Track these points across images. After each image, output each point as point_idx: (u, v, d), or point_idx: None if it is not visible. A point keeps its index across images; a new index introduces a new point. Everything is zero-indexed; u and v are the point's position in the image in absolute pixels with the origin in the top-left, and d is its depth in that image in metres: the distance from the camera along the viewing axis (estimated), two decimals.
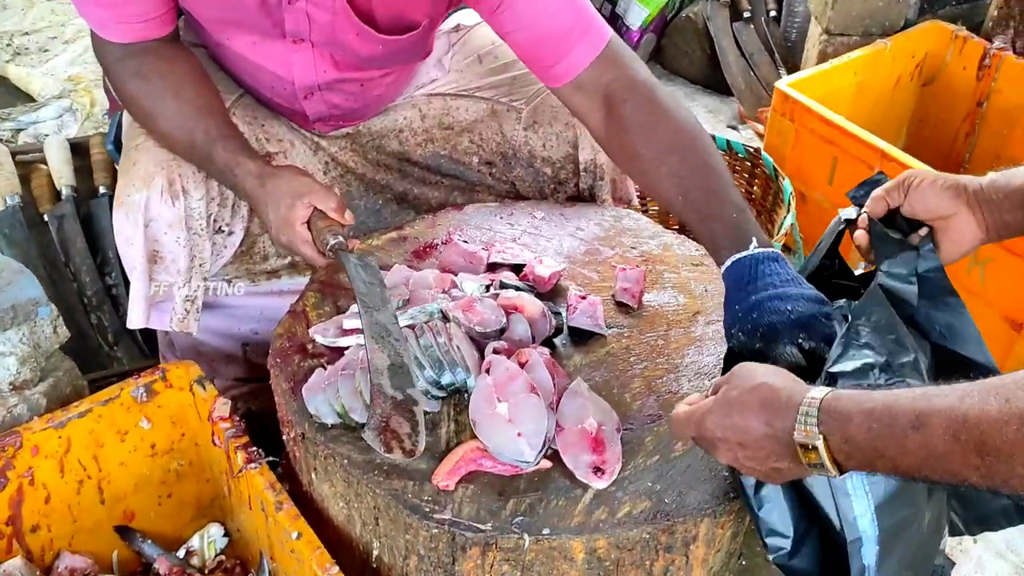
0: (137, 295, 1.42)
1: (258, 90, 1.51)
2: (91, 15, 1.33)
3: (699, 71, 3.02)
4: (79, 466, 1.34)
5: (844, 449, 0.82)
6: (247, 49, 1.39)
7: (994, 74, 2.27)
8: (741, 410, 0.89)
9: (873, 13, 2.38)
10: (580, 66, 1.29)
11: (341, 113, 1.55)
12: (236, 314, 1.62)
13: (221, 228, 1.46)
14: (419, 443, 1.05)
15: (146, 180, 1.36)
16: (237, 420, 1.30)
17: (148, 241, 1.38)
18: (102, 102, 2.84)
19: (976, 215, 1.09)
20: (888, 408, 0.79)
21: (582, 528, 1.02)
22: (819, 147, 2.09)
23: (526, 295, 1.26)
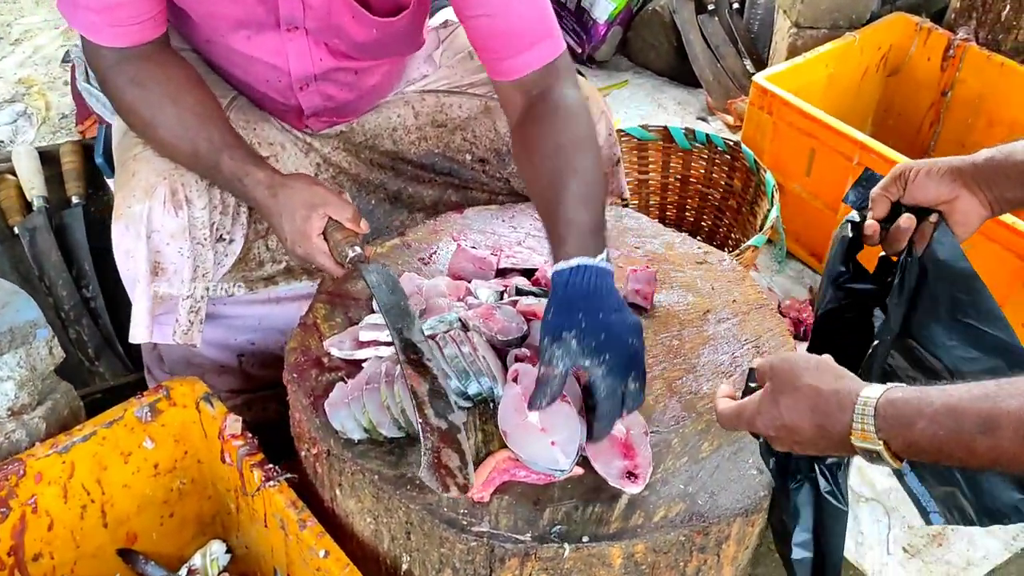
0: (140, 309, 1.38)
1: (252, 86, 1.47)
2: (82, 21, 1.28)
3: (666, 64, 3.04)
4: (82, 491, 1.30)
5: (907, 451, 0.83)
6: (241, 43, 1.36)
7: (958, 64, 2.33)
8: (790, 414, 0.89)
9: (841, 7, 2.43)
10: (529, 68, 1.28)
11: (335, 106, 1.52)
12: (234, 324, 1.58)
13: (223, 236, 1.42)
14: (470, 476, 1.04)
15: (148, 191, 1.32)
16: (250, 437, 1.28)
17: (150, 253, 1.34)
18: (57, 105, 2.74)
19: (977, 195, 1.10)
20: (951, 411, 0.79)
21: (621, 534, 1.03)
22: (797, 139, 2.13)
23: (545, 301, 1.26)
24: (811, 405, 0.88)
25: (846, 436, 0.85)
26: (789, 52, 2.47)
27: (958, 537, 1.67)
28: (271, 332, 1.57)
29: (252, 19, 1.32)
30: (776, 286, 2.21)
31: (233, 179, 1.29)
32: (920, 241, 1.12)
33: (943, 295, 1.13)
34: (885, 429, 0.83)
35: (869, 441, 0.84)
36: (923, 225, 1.12)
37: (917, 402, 0.82)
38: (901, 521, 1.65)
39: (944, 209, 1.12)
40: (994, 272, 1.80)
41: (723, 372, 1.25)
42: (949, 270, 1.12)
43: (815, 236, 2.21)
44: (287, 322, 1.54)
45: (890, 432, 0.83)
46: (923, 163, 1.13)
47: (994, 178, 1.09)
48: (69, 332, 1.87)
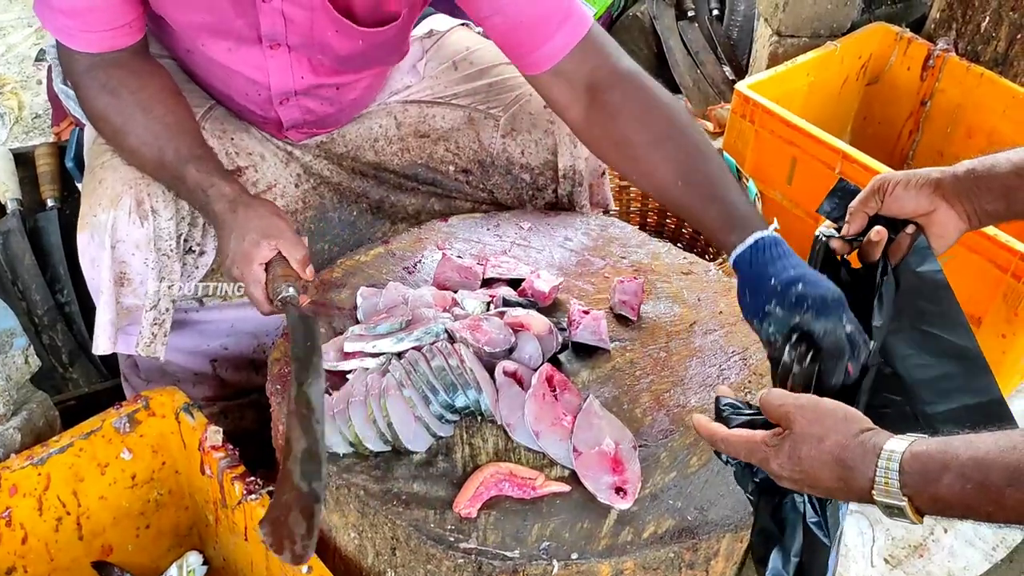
0: (103, 320, 1.35)
1: (231, 97, 1.45)
2: (54, 24, 1.25)
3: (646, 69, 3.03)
4: (58, 503, 1.28)
5: (932, 506, 0.81)
6: (221, 55, 1.33)
7: (938, 74, 2.35)
8: (811, 464, 0.87)
9: (822, 15, 2.44)
10: (560, 53, 1.25)
11: (315, 119, 1.50)
12: (206, 330, 1.56)
13: (192, 248, 1.40)
14: (309, 549, 0.95)
15: (113, 200, 1.30)
16: (231, 449, 1.25)
17: (115, 263, 1.32)
18: (30, 105, 2.69)
19: (956, 207, 1.09)
20: (978, 465, 0.77)
21: (610, 551, 1.02)
22: (779, 148, 2.13)
23: (533, 312, 1.25)
24: (835, 458, 0.85)
25: (868, 490, 0.83)
26: (770, 60, 2.47)
27: (939, 548, 1.69)
28: (243, 336, 1.54)
29: (233, 33, 1.29)
30: None
31: (196, 189, 1.25)
32: (896, 253, 1.12)
33: (908, 306, 1.12)
34: (910, 485, 0.80)
35: (893, 497, 0.82)
36: (899, 237, 1.11)
37: (942, 456, 0.80)
38: (884, 533, 1.66)
39: (922, 221, 1.11)
40: (974, 283, 1.82)
41: (710, 384, 1.24)
42: (920, 281, 1.12)
43: (796, 244, 2.18)
44: (260, 325, 1.52)
45: (915, 488, 0.80)
46: (900, 175, 1.11)
47: (974, 191, 1.08)
48: (43, 338, 1.83)
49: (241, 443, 1.40)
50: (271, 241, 1.19)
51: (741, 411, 1.00)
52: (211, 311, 1.53)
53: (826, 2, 2.41)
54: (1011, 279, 1.78)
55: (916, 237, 1.11)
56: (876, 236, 1.10)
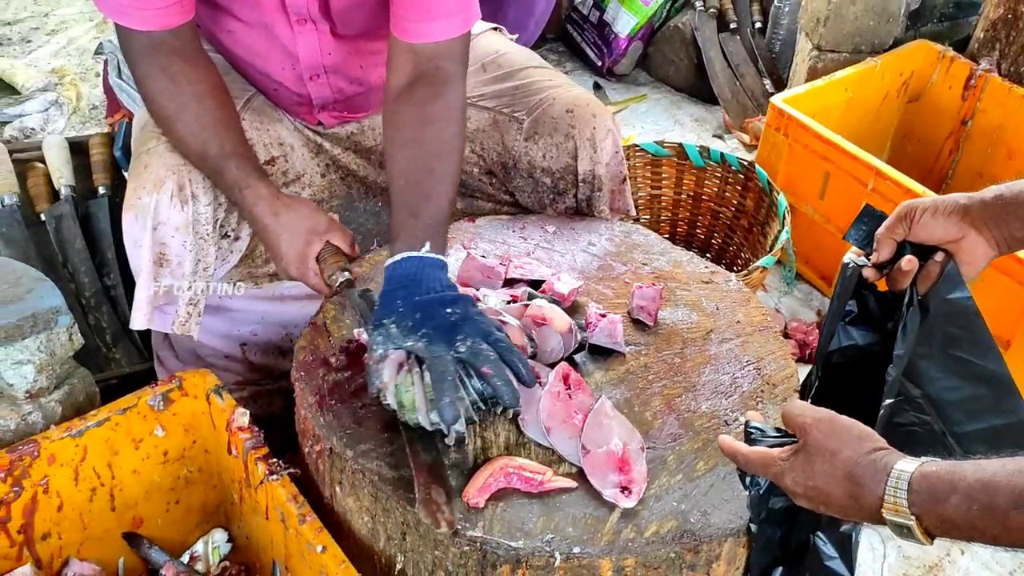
0: (141, 297, 1.42)
1: (269, 76, 1.52)
2: (109, 5, 1.32)
3: (685, 80, 3.06)
4: (93, 474, 1.34)
5: (940, 527, 0.82)
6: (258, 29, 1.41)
7: (979, 94, 2.34)
8: (824, 479, 0.89)
9: (863, 31, 2.44)
10: (434, 37, 1.33)
11: (344, 99, 1.56)
12: (236, 317, 1.62)
13: (227, 233, 1.46)
14: (456, 511, 1.07)
15: (157, 184, 1.36)
16: (256, 431, 1.31)
17: (155, 244, 1.38)
18: (88, 96, 2.80)
19: (984, 234, 1.08)
20: (985, 486, 0.79)
21: (611, 547, 1.05)
22: (812, 162, 2.15)
23: (556, 308, 1.28)
24: (847, 474, 0.87)
25: (877, 508, 0.85)
26: (809, 74, 2.48)
27: (955, 569, 1.68)
28: (272, 326, 1.60)
29: (268, 5, 1.37)
30: (784, 307, 2.22)
31: (234, 186, 1.33)
32: (925, 281, 1.12)
33: (939, 331, 1.13)
34: (918, 504, 0.82)
35: (901, 515, 0.83)
36: (928, 265, 1.11)
37: (950, 476, 0.81)
38: (897, 550, 1.66)
39: (951, 248, 1.10)
40: (1003, 305, 1.82)
41: (723, 392, 1.27)
42: (950, 307, 1.12)
43: (826, 259, 2.22)
44: (289, 318, 1.58)
45: (923, 507, 0.82)
46: (928, 202, 1.11)
47: (1002, 217, 1.07)
48: (89, 318, 1.91)
49: (269, 428, 1.45)
50: (320, 237, 1.31)
51: (767, 435, 1.02)
52: (242, 299, 1.58)
53: (868, 18, 2.41)
54: None
55: (946, 264, 1.11)
56: (907, 266, 1.10)
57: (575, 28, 3.19)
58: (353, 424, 1.18)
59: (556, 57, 3.22)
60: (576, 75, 3.13)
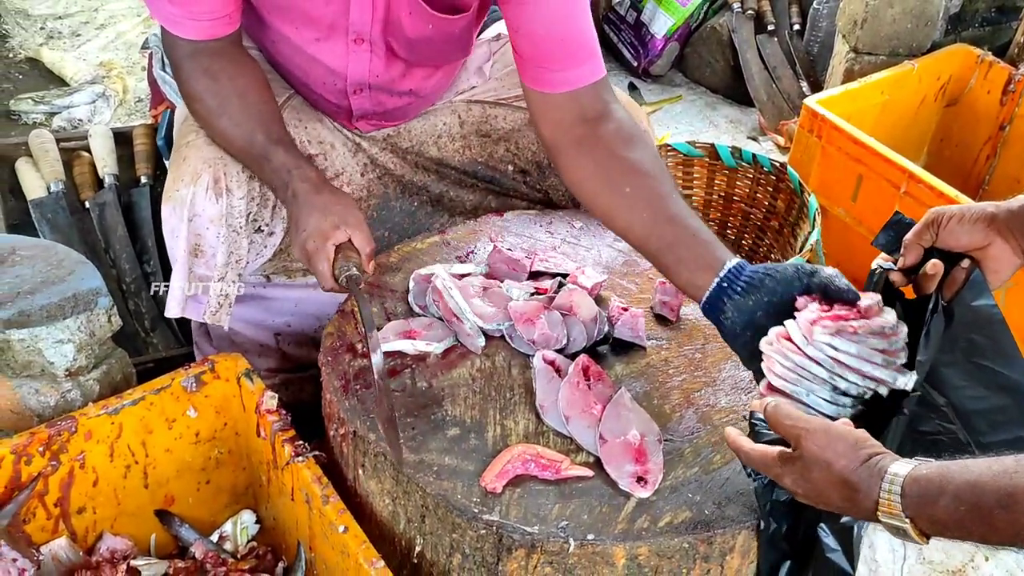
0: (176, 286, 1.46)
1: (309, 86, 1.55)
2: (163, 13, 1.37)
3: (721, 81, 3.06)
4: (128, 451, 1.39)
5: (932, 527, 0.85)
6: (308, 44, 1.44)
7: (1018, 99, 2.31)
8: (821, 484, 0.92)
9: (901, 34, 2.42)
10: (583, 81, 1.32)
11: (384, 111, 1.59)
12: (271, 307, 1.66)
13: (261, 228, 1.50)
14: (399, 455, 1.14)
15: (194, 177, 1.40)
16: (284, 414, 1.35)
17: (191, 235, 1.42)
18: (134, 89, 2.88)
19: (1011, 242, 1.09)
20: (972, 487, 0.81)
21: (625, 535, 1.07)
22: (845, 164, 2.13)
23: (585, 295, 1.30)
24: (842, 479, 0.91)
25: (873, 511, 0.88)
26: (845, 77, 2.47)
27: (978, 575, 1.67)
28: (306, 316, 1.64)
29: (324, 22, 1.39)
30: None
31: (282, 169, 1.34)
32: (950, 287, 1.12)
33: (962, 339, 1.13)
34: (911, 507, 0.85)
35: (896, 518, 0.86)
36: (954, 271, 1.12)
37: (940, 479, 0.84)
38: (917, 553, 1.65)
39: (977, 255, 1.11)
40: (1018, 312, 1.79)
41: (742, 388, 1.28)
42: (975, 315, 1.12)
43: (857, 262, 2.20)
44: (322, 307, 1.61)
45: (916, 509, 0.85)
46: (955, 209, 1.12)
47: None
48: (128, 304, 1.97)
49: (298, 414, 1.49)
50: (348, 228, 1.30)
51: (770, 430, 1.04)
52: (277, 288, 1.63)
53: (906, 21, 2.39)
54: None
55: (971, 271, 1.11)
56: (932, 269, 1.11)
57: (612, 28, 3.20)
58: None
59: None
60: (612, 75, 3.09)
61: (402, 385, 1.25)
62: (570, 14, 1.33)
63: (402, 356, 1.29)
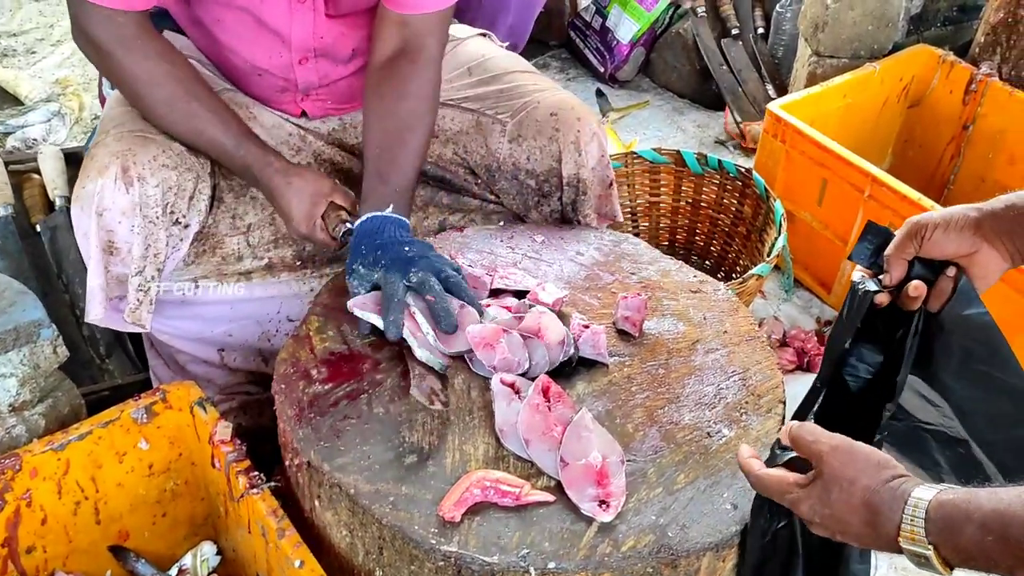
0: (94, 287, 1.40)
1: (254, 64, 1.53)
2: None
3: (687, 86, 3.05)
4: (77, 487, 1.34)
5: (956, 557, 0.81)
6: (254, 5, 1.44)
7: (980, 99, 2.31)
8: (840, 507, 0.88)
9: (862, 36, 2.42)
10: (424, 8, 1.46)
11: (330, 83, 1.57)
12: (206, 315, 1.58)
13: (178, 220, 1.44)
14: (449, 397, 1.23)
15: (100, 170, 1.35)
16: (239, 444, 1.31)
17: (102, 231, 1.36)
18: (91, 107, 2.82)
19: (997, 246, 1.05)
20: (1000, 517, 0.77)
21: (587, 562, 1.04)
22: (809, 169, 2.13)
23: (554, 318, 1.28)
24: (864, 502, 0.86)
25: (895, 537, 0.83)
26: (808, 80, 2.46)
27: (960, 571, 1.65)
28: (247, 323, 1.59)
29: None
30: (783, 315, 2.20)
31: (255, 164, 1.43)
32: (938, 298, 1.08)
33: (957, 347, 1.10)
34: (935, 533, 0.81)
35: (919, 544, 0.81)
36: (940, 281, 1.08)
37: (966, 505, 0.80)
38: (888, 561, 1.63)
39: (963, 263, 1.07)
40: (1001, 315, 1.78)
41: (706, 404, 1.25)
42: (968, 323, 1.09)
43: (824, 266, 2.20)
44: (263, 313, 1.57)
45: (940, 537, 0.80)
46: (936, 217, 1.07)
47: (1015, 228, 1.04)
48: (83, 330, 1.92)
49: (260, 439, 1.45)
50: (325, 198, 1.44)
51: (788, 450, 1.00)
52: (207, 292, 1.56)
53: (867, 23, 2.39)
54: None
55: (958, 279, 1.08)
56: (914, 292, 1.07)
57: (578, 34, 3.18)
58: (332, 437, 1.17)
59: (559, 64, 3.22)
60: (579, 82, 3.12)
61: (358, 411, 1.21)
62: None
63: (359, 381, 1.25)
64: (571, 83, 3.10)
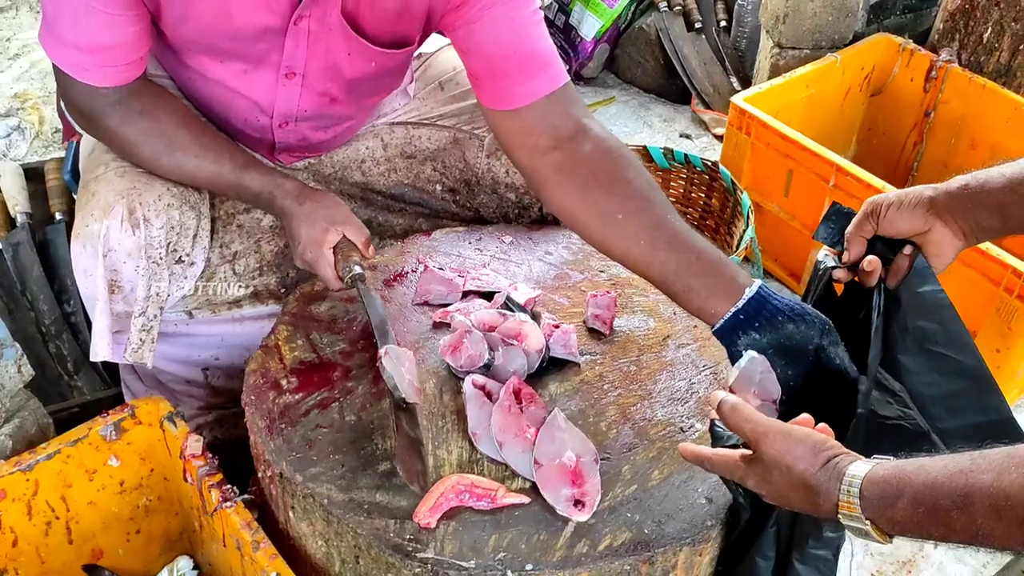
0: (100, 327, 1.39)
1: (228, 120, 1.48)
2: (67, 59, 1.27)
3: (652, 81, 3.06)
4: (47, 507, 1.32)
5: (892, 528, 0.84)
6: (232, 79, 1.37)
7: (940, 85, 2.34)
8: (782, 486, 0.91)
9: (823, 27, 2.44)
10: (537, 95, 1.25)
11: (308, 145, 1.54)
12: (195, 343, 1.59)
13: (181, 258, 1.44)
14: (429, 480, 1.12)
15: (106, 210, 1.34)
16: (210, 457, 1.29)
17: (107, 271, 1.36)
18: (51, 120, 2.77)
19: (951, 225, 1.08)
20: (929, 488, 0.80)
21: (564, 562, 1.04)
22: (775, 160, 2.14)
23: (533, 325, 1.27)
24: (802, 483, 0.89)
25: (834, 512, 0.86)
26: (771, 72, 2.48)
27: (928, 564, 1.67)
28: (235, 349, 1.58)
29: (252, 56, 1.33)
30: None
31: (263, 191, 1.35)
32: (895, 275, 1.12)
33: (913, 327, 1.13)
34: (870, 508, 0.84)
35: (856, 520, 0.85)
36: (897, 258, 1.11)
37: (897, 480, 0.83)
38: (864, 548, 1.65)
39: (918, 240, 1.11)
40: (968, 297, 1.81)
41: (679, 399, 1.26)
42: (923, 301, 1.12)
43: (793, 256, 2.22)
44: (251, 339, 1.55)
45: (875, 511, 0.83)
46: (892, 196, 1.11)
47: (968, 207, 1.07)
48: (49, 346, 1.89)
49: (236, 451, 1.43)
50: (338, 227, 1.33)
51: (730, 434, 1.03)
52: (200, 324, 1.56)
53: (827, 14, 2.41)
54: (1004, 293, 1.77)
55: (915, 257, 1.11)
56: (868, 267, 1.11)
57: None
58: (303, 447, 1.16)
59: None
60: None
61: (330, 420, 1.20)
62: (520, 24, 1.27)
63: (330, 390, 1.25)
64: None
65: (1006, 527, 0.75)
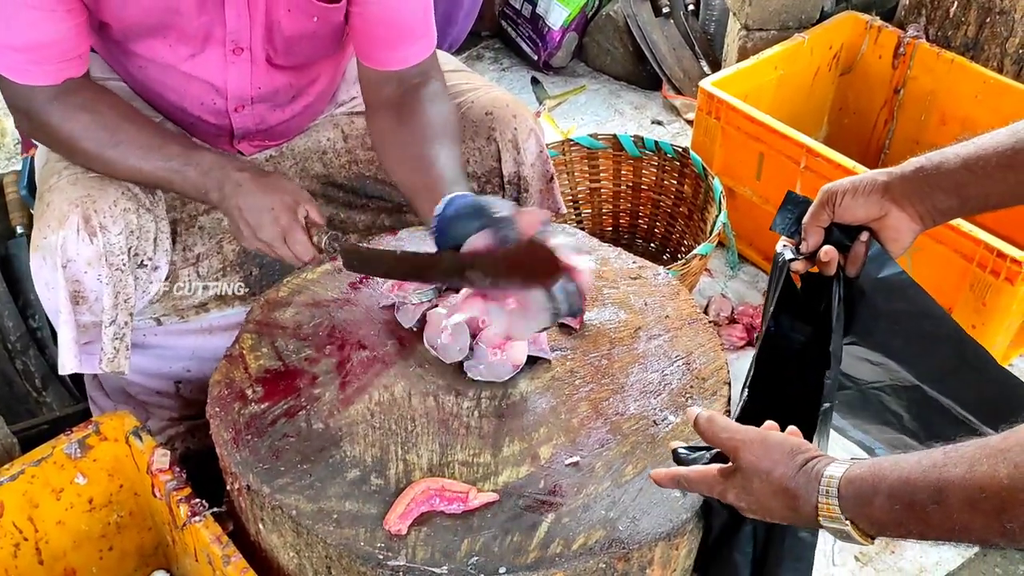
0: (66, 339, 1.36)
1: (185, 110, 1.46)
2: (4, 62, 1.25)
3: (622, 68, 3.04)
4: (14, 529, 1.29)
5: (872, 528, 0.83)
6: (183, 62, 1.35)
7: (909, 62, 2.33)
8: (762, 495, 0.91)
9: (789, 7, 2.42)
10: (409, 62, 1.40)
11: (267, 128, 1.52)
12: (166, 355, 1.57)
13: (144, 263, 1.40)
14: None
15: (60, 220, 1.31)
16: (178, 471, 1.27)
17: (68, 282, 1.33)
18: (12, 132, 2.72)
19: (907, 209, 1.08)
20: (904, 485, 0.80)
21: (538, 563, 1.02)
22: (745, 144, 2.13)
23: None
24: (782, 489, 0.89)
25: (815, 517, 0.86)
26: (740, 55, 2.46)
27: (911, 544, 1.67)
28: (207, 361, 1.56)
29: (199, 35, 1.31)
30: (731, 291, 2.21)
31: (215, 168, 1.30)
32: (854, 263, 1.11)
33: (883, 311, 1.12)
34: (849, 509, 0.83)
35: (836, 521, 0.84)
36: (855, 246, 1.11)
37: (873, 478, 0.82)
38: None
39: (875, 227, 1.10)
40: (941, 274, 1.81)
41: (652, 392, 1.24)
42: (887, 285, 1.11)
43: (767, 240, 2.21)
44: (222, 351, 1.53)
45: (854, 511, 0.83)
46: (847, 183, 1.10)
47: (925, 190, 1.06)
48: (16, 363, 1.86)
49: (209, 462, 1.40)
50: (303, 207, 1.32)
51: (699, 449, 1.03)
52: (170, 334, 1.54)
53: None
54: (977, 269, 1.77)
55: (870, 244, 1.10)
56: (825, 257, 1.11)
57: (509, 24, 3.15)
58: (270, 458, 1.14)
59: (492, 54, 3.18)
60: (513, 71, 3.09)
61: (297, 429, 1.18)
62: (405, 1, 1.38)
63: (296, 398, 1.22)
64: (506, 73, 3.07)
65: (983, 519, 0.75)
